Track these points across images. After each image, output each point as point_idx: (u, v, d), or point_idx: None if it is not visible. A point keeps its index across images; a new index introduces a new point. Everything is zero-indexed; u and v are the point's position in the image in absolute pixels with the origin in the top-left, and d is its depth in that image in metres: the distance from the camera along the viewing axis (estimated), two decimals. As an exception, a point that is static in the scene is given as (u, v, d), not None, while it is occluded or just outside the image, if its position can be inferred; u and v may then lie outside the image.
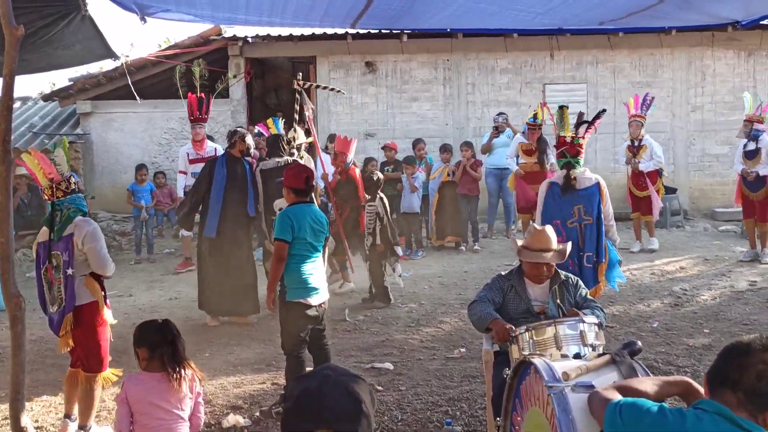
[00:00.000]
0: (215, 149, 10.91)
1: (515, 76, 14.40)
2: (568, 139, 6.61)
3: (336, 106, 14.54)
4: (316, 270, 5.67)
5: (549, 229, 4.69)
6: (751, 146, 10.24)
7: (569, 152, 6.56)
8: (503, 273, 4.85)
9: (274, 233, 5.51)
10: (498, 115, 12.50)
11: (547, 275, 4.60)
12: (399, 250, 8.90)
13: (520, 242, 4.71)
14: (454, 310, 8.40)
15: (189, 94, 10.68)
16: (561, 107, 6.75)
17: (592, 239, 6.45)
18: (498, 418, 3.62)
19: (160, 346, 3.88)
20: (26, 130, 14.38)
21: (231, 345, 7.48)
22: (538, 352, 3.71)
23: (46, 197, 5.13)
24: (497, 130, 12.25)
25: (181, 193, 10.87)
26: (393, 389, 6.06)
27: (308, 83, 8.91)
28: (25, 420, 3.97)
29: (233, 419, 5.45)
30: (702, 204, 14.26)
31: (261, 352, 7.18)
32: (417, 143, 12.29)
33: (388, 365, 6.62)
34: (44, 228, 5.17)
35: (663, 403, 2.49)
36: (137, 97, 10.99)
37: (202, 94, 10.45)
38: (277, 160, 8.19)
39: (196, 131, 10.72)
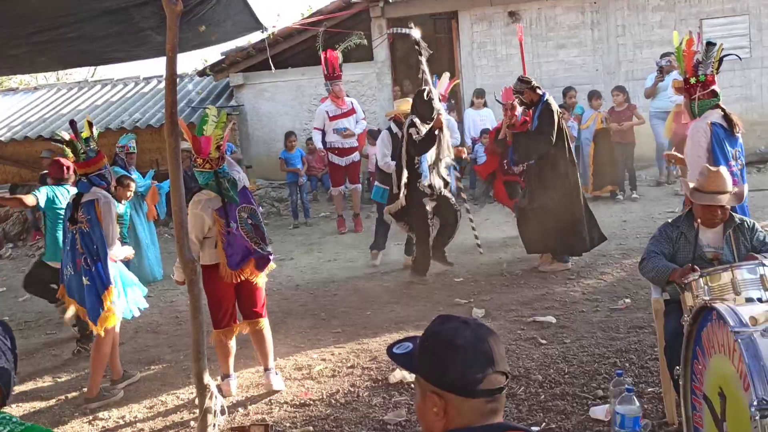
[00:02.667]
0: (352, 102, 11.19)
1: (668, 14, 13.63)
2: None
3: (480, 59, 14.32)
4: None
5: (724, 170, 4.41)
6: None
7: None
8: (670, 221, 4.64)
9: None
10: (662, 57, 11.81)
11: (722, 219, 4.33)
12: None
13: (692, 184, 4.46)
14: (615, 261, 8.16)
15: (327, 51, 10.93)
16: (709, 43, 6.16)
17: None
18: (677, 367, 3.47)
19: None
20: (185, 105, 15.10)
21: (391, 303, 7.59)
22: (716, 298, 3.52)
23: (208, 167, 5.26)
24: (662, 73, 11.60)
25: (319, 145, 11.17)
26: (557, 342, 5.97)
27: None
28: (207, 378, 4.18)
29: (399, 375, 5.54)
30: None
31: (421, 309, 7.24)
32: (567, 91, 11.93)
33: (551, 318, 6.52)
34: (208, 194, 5.33)
35: None
36: (272, 67, 11.33)
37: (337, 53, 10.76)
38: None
39: (339, 87, 10.99)
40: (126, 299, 5.96)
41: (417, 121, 7.88)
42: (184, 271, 4.24)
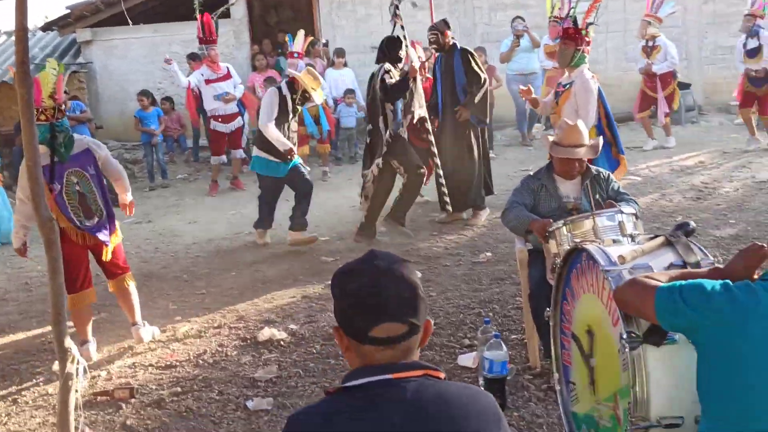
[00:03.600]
0: (228, 68, 10.93)
1: (523, -23, 13.97)
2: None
3: (340, 20, 14.21)
4: None
5: (581, 125, 4.61)
6: (752, 44, 10.28)
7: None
8: (531, 174, 4.80)
9: None
10: (514, 21, 12.08)
11: (579, 171, 4.55)
12: None
13: (551, 138, 4.63)
14: (475, 217, 8.37)
15: (203, 14, 10.56)
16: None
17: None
18: (548, 309, 3.61)
19: None
20: (27, 62, 14.16)
21: (256, 263, 7.49)
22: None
23: (44, 118, 4.99)
24: (518, 39, 11.89)
25: (183, 80, 11.06)
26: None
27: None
28: (69, 341, 3.97)
29: (268, 332, 5.49)
30: (716, 98, 13.93)
31: (287, 268, 7.20)
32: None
33: (416, 273, 6.60)
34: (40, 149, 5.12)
35: (726, 281, 2.35)
36: (129, 21, 10.81)
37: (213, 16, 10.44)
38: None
39: (216, 52, 10.71)
40: None
41: (391, 68, 7.59)
42: (41, 231, 3.96)
